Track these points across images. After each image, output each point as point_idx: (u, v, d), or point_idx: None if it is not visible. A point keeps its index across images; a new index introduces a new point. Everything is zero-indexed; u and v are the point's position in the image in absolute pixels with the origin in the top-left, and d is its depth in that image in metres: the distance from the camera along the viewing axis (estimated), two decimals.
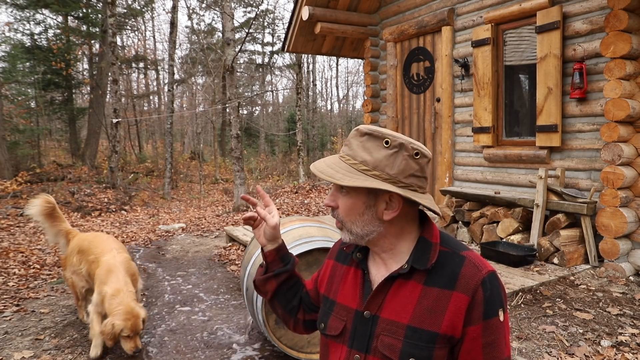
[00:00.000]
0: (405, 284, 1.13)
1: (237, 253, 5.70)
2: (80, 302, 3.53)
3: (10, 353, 3.05)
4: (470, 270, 1.09)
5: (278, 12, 42.37)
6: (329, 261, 1.38)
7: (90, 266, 3.23)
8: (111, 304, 2.85)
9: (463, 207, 5.27)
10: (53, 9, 14.70)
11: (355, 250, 1.27)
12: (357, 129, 1.16)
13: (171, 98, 15.75)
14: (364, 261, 1.24)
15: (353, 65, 34.85)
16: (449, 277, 1.09)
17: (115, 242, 3.46)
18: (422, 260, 1.12)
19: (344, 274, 1.28)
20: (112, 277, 2.99)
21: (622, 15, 3.91)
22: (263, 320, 2.70)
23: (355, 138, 1.15)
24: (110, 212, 10.49)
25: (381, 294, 1.15)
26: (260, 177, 18.97)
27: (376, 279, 1.19)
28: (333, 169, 1.13)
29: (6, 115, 12.49)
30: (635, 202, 4.09)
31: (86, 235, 3.57)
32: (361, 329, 1.16)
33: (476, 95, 5.46)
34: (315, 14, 6.61)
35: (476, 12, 5.54)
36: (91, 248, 3.31)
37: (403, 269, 1.13)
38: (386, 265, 1.19)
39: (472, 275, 1.08)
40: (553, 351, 2.74)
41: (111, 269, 3.05)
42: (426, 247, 1.14)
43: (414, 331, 1.08)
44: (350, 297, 1.22)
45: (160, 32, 41.21)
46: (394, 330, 1.11)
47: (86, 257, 3.29)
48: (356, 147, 1.14)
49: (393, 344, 1.10)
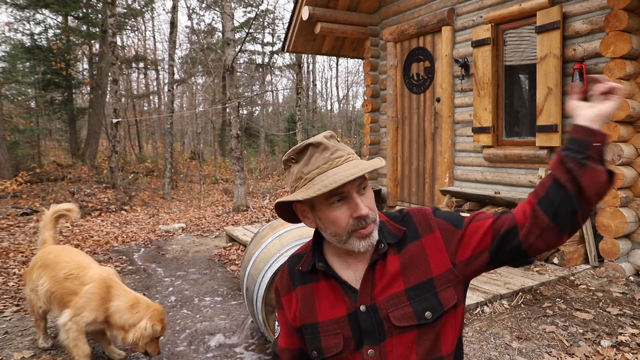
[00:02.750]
0: (384, 264, 1.17)
1: (237, 253, 5.70)
2: (39, 322, 3.09)
3: (10, 353, 3.05)
4: (418, 215, 1.21)
5: (278, 12, 42.38)
6: (289, 295, 1.27)
7: (61, 284, 2.81)
8: (136, 312, 2.69)
9: (463, 207, 5.27)
10: (53, 9, 14.70)
11: (314, 261, 1.22)
12: (324, 136, 1.17)
13: (171, 98, 15.74)
14: (330, 268, 1.21)
15: (353, 65, 34.86)
16: (411, 232, 1.18)
17: (86, 255, 3.14)
18: (391, 235, 1.19)
19: (315, 291, 1.22)
20: (118, 291, 2.76)
21: (622, 15, 3.91)
22: (263, 321, 2.70)
23: (332, 141, 1.17)
24: (110, 212, 10.49)
25: (368, 284, 1.16)
26: (260, 177, 18.97)
27: (355, 276, 1.19)
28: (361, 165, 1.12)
29: (6, 115, 12.49)
30: (635, 202, 4.09)
31: (52, 247, 3.14)
32: (365, 324, 1.15)
33: (476, 95, 5.46)
34: (315, 14, 6.61)
35: (476, 12, 5.54)
36: (59, 262, 2.90)
37: (382, 249, 1.17)
38: (362, 260, 1.19)
39: (423, 216, 1.20)
40: (553, 351, 2.74)
41: (108, 283, 2.76)
42: (384, 226, 1.20)
43: (414, 289, 1.13)
44: (334, 309, 1.19)
45: (160, 32, 41.23)
46: (397, 301, 1.13)
47: (52, 274, 2.86)
48: (341, 146, 1.18)
49: (405, 312, 1.12)
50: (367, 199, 1.13)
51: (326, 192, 1.06)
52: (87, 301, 2.68)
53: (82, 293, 2.70)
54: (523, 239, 1.08)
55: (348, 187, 1.08)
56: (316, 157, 1.12)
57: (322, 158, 1.12)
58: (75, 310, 2.68)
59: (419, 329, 1.12)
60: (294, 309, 1.25)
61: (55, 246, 3.19)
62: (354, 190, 1.10)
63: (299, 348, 1.31)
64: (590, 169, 1.01)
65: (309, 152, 1.13)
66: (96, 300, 2.69)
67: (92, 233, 7.48)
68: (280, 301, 1.30)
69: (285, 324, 1.30)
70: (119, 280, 2.89)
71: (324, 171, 1.10)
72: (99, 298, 2.70)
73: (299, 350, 1.31)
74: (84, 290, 2.71)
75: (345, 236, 1.12)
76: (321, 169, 1.10)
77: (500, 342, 2.89)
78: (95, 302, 2.69)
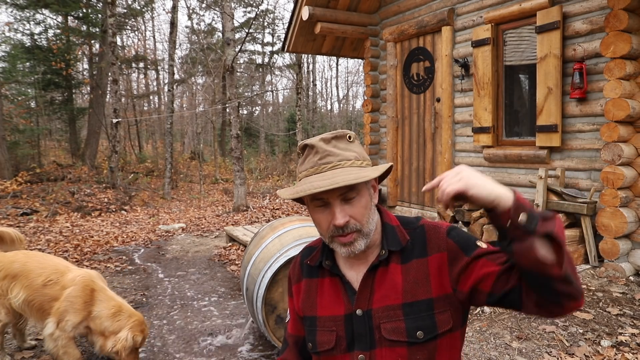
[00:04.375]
0: (386, 270, 1.17)
1: (237, 253, 5.70)
2: None
3: (11, 353, 3.05)
4: (432, 232, 1.17)
5: (278, 12, 42.38)
6: (297, 285, 1.32)
7: (40, 292, 2.69)
8: (117, 320, 2.62)
9: (463, 207, 5.26)
10: (53, 9, 14.70)
11: (322, 259, 1.25)
12: (321, 138, 1.16)
13: (171, 98, 15.74)
14: (336, 267, 1.23)
15: (353, 65, 34.86)
16: (420, 247, 1.16)
17: (58, 258, 3.00)
18: (395, 242, 1.18)
19: (319, 286, 1.26)
20: (100, 295, 2.69)
21: (622, 15, 3.91)
22: (263, 321, 2.70)
23: (328, 145, 1.15)
24: (110, 212, 10.50)
25: (367, 288, 1.17)
26: (260, 177, 18.97)
27: (357, 278, 1.20)
28: (345, 176, 1.08)
29: (6, 115, 12.49)
30: (635, 202, 4.09)
31: (11, 256, 2.90)
32: (358, 328, 1.16)
33: (476, 95, 5.46)
34: (315, 14, 6.61)
35: (476, 12, 5.54)
36: (32, 270, 2.75)
37: (382, 256, 1.17)
38: (365, 262, 1.20)
39: (436, 234, 1.16)
40: (553, 351, 2.74)
41: (91, 286, 2.68)
42: (392, 231, 1.20)
43: (411, 306, 1.12)
44: (333, 306, 1.21)
45: (160, 32, 41.22)
46: (392, 314, 1.13)
47: (26, 282, 2.72)
48: (338, 151, 1.14)
49: (396, 326, 1.12)
50: (353, 208, 1.11)
51: (309, 195, 1.09)
52: (69, 304, 2.61)
53: (64, 297, 2.62)
54: (524, 302, 1.02)
55: (327, 195, 1.09)
56: (308, 160, 1.15)
57: (311, 161, 1.14)
58: (59, 315, 2.61)
59: (410, 347, 1.11)
60: (301, 297, 1.30)
61: (13, 253, 2.93)
62: (335, 198, 1.10)
63: (303, 336, 1.34)
64: (518, 252, 0.94)
65: (306, 153, 1.17)
66: (79, 304, 2.62)
67: (92, 233, 7.48)
68: (290, 289, 1.36)
69: (293, 311, 1.36)
70: (103, 283, 2.81)
71: (309, 175, 1.13)
72: (82, 302, 2.63)
73: (302, 338, 1.35)
74: (65, 293, 2.63)
75: (328, 239, 1.15)
76: (308, 172, 1.14)
77: (500, 342, 2.89)
78: (78, 305, 2.62)
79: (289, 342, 1.38)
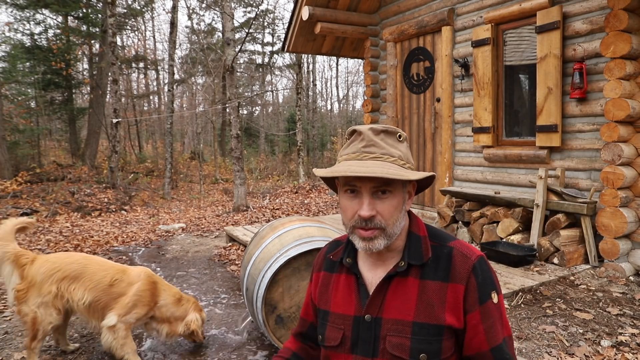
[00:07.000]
0: (403, 282, 1.14)
1: (237, 253, 5.70)
2: (36, 342, 2.71)
3: (10, 353, 3.05)
4: (460, 259, 1.14)
5: (278, 12, 42.38)
6: (317, 274, 1.35)
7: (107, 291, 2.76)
8: (182, 305, 2.95)
9: (463, 207, 5.27)
10: (53, 9, 14.70)
11: (344, 256, 1.25)
12: (371, 127, 1.15)
13: (171, 98, 15.74)
14: (355, 266, 1.22)
15: (353, 65, 34.88)
16: (443, 269, 1.13)
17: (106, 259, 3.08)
18: (417, 255, 1.15)
19: (335, 282, 1.26)
20: (162, 286, 2.94)
21: (622, 15, 3.91)
22: (263, 321, 2.70)
23: (376, 136, 1.14)
24: (110, 212, 10.50)
25: (380, 295, 1.15)
26: (260, 177, 18.97)
27: (372, 281, 1.19)
28: (384, 169, 1.07)
29: (6, 115, 12.49)
30: (635, 202, 4.09)
31: (65, 257, 2.87)
32: (364, 333, 1.15)
33: (476, 95, 5.46)
34: (315, 14, 6.61)
35: (476, 12, 5.54)
36: (96, 272, 2.80)
37: (400, 267, 1.14)
38: (383, 265, 1.19)
39: (463, 264, 1.13)
40: (553, 351, 2.74)
41: (153, 279, 2.89)
42: (417, 242, 1.17)
43: (421, 327, 1.10)
44: (345, 305, 1.21)
45: (160, 32, 41.25)
46: (400, 329, 1.11)
47: (91, 284, 2.76)
48: (384, 145, 1.13)
49: (402, 343, 1.10)
50: (383, 204, 1.10)
51: (342, 179, 1.10)
52: (138, 298, 2.79)
53: (132, 292, 2.79)
54: None
55: (360, 183, 1.08)
56: (353, 145, 1.15)
57: (355, 147, 1.14)
58: (125, 309, 2.76)
59: None
60: (318, 287, 1.32)
61: (67, 254, 2.92)
62: (367, 189, 1.09)
63: (311, 321, 1.39)
64: None
65: (352, 138, 1.17)
66: (147, 297, 2.83)
67: (92, 233, 7.48)
68: (312, 275, 1.38)
69: (309, 296, 1.39)
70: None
71: (350, 159, 1.13)
72: (150, 294, 2.84)
73: (310, 323, 1.39)
74: (133, 289, 2.80)
75: (349, 229, 1.14)
76: (349, 157, 1.13)
77: None
78: (146, 298, 2.82)
79: (298, 324, 1.45)
